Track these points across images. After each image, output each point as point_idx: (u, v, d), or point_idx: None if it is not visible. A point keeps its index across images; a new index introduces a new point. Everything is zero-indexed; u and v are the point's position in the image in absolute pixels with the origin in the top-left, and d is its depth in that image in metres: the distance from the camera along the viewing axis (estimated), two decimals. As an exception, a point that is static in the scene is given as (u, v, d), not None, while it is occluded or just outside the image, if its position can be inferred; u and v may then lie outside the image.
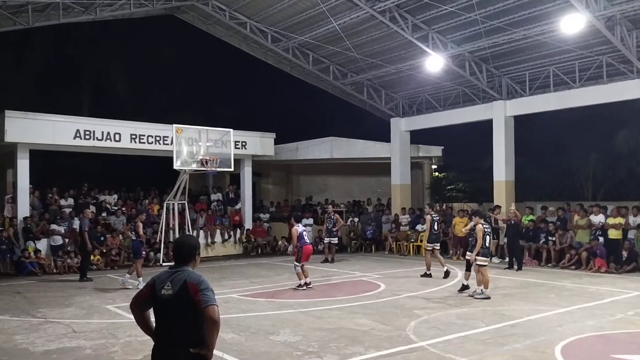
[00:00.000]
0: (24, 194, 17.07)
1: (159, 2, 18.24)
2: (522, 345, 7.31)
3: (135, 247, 13.28)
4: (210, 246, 20.04)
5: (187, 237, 4.61)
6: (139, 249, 13.11)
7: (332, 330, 8.26)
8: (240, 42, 21.05)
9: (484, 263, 11.07)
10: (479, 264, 11.05)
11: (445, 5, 15.21)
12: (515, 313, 9.36)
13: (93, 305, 10.63)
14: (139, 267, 12.78)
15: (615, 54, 15.48)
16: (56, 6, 16.54)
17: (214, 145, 17.78)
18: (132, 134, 18.41)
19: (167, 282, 3.72)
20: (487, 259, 11.26)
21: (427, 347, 7.30)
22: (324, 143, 23.98)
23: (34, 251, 15.83)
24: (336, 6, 16.55)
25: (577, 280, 13.11)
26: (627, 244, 14.60)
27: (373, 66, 19.66)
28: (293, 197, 26.52)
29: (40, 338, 8.09)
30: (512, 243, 15.65)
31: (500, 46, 16.72)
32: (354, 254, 20.38)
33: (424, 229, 19.94)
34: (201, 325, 3.67)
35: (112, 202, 20.11)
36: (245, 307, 10.28)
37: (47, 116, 17.02)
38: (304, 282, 12.12)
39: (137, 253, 13.09)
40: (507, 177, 18.72)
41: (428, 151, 24.64)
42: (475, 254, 11.06)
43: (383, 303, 10.52)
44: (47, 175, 19.87)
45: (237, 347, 7.43)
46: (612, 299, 10.65)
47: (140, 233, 13.15)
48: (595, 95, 16.53)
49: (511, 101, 18.75)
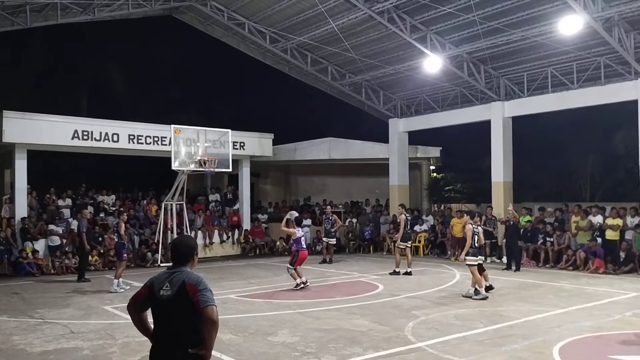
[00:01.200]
0: (22, 194, 17.03)
1: (157, 2, 18.24)
2: (520, 346, 7.32)
3: (117, 249, 13.03)
4: (209, 247, 20.02)
5: (185, 237, 4.60)
6: (120, 251, 12.75)
7: (330, 331, 8.26)
8: (239, 43, 21.06)
9: (473, 263, 11.04)
10: (469, 263, 11.04)
11: (444, 6, 15.22)
12: (513, 314, 9.37)
13: (91, 306, 10.61)
14: (120, 269, 12.53)
15: (613, 55, 15.51)
16: (54, 6, 16.52)
17: (212, 145, 17.76)
18: (130, 135, 18.41)
19: (166, 282, 3.71)
20: (477, 258, 11.16)
21: (426, 347, 7.30)
22: (322, 144, 24.00)
23: (31, 252, 15.80)
24: (334, 7, 16.56)
25: (575, 281, 13.12)
26: (625, 245, 14.62)
27: (371, 67, 19.67)
28: (291, 198, 26.52)
29: (38, 339, 8.07)
30: (511, 244, 15.68)
31: (499, 47, 16.75)
32: (352, 254, 20.38)
33: (422, 230, 20.07)
34: (200, 325, 3.65)
35: (110, 203, 20.08)
36: (244, 308, 10.27)
37: (45, 116, 17.01)
38: (300, 281, 12.14)
39: (119, 255, 12.79)
40: (505, 178, 18.74)
41: (426, 152, 24.66)
42: (465, 254, 11.09)
43: (381, 304, 10.52)
44: (44, 175, 19.83)
45: (235, 348, 7.42)
46: (609, 300, 10.66)
47: (121, 233, 12.80)
48: (593, 96, 16.56)
49: (509, 102, 18.77)
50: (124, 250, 12.84)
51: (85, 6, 17.06)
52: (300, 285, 12.09)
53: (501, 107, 18.80)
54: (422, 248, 19.71)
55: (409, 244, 15.02)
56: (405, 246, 14.72)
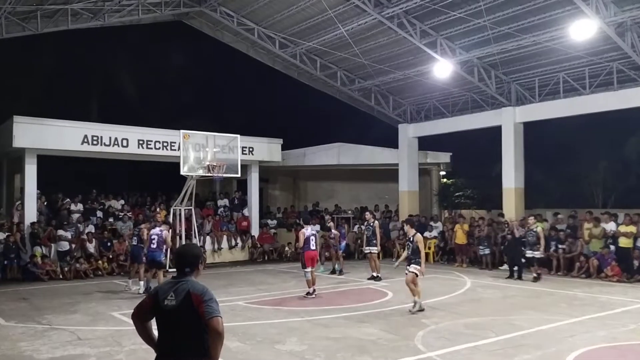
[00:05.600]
0: (32, 199, 17.09)
1: (167, 8, 18.28)
2: (533, 356, 7.18)
3: (135, 252, 13.49)
4: (217, 252, 19.97)
5: (190, 245, 4.57)
6: (139, 254, 13.21)
7: (338, 340, 8.15)
8: (248, 48, 21.06)
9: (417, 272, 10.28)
10: (412, 271, 10.26)
11: (454, 12, 15.11)
12: (525, 323, 9.20)
13: (99, 312, 10.58)
14: (142, 271, 12.98)
15: (626, 60, 15.34)
16: (65, 12, 16.60)
17: (221, 151, 17.74)
18: (139, 140, 18.46)
19: (171, 292, 3.66)
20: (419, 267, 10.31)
21: (436, 357, 7.18)
22: (331, 149, 23.92)
23: (40, 257, 15.82)
24: (344, 12, 16.51)
25: (587, 289, 12.91)
26: (637, 253, 14.39)
27: (381, 72, 19.59)
28: (300, 203, 26.43)
29: (44, 345, 8.03)
30: (513, 253, 15.41)
31: (510, 52, 16.61)
32: (361, 260, 20.22)
33: (432, 236, 19.89)
34: (205, 335, 3.62)
35: (119, 208, 20.11)
36: (252, 315, 10.19)
37: (55, 121, 17.09)
38: (312, 289, 12.02)
39: (137, 258, 13.27)
40: (516, 184, 18.55)
41: (436, 157, 24.50)
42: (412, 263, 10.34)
43: (390, 312, 10.39)
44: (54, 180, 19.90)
45: (242, 356, 7.34)
46: (624, 309, 10.47)
47: (144, 238, 13.16)
48: (606, 101, 16.36)
49: (520, 107, 18.60)
50: (142, 252, 13.20)
51: (96, 12, 17.13)
52: (312, 295, 11.97)
53: (512, 112, 18.63)
54: (432, 255, 19.52)
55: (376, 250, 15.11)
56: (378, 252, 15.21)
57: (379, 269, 14.97)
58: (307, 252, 12.12)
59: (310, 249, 12.19)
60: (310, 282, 12.04)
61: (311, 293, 12.02)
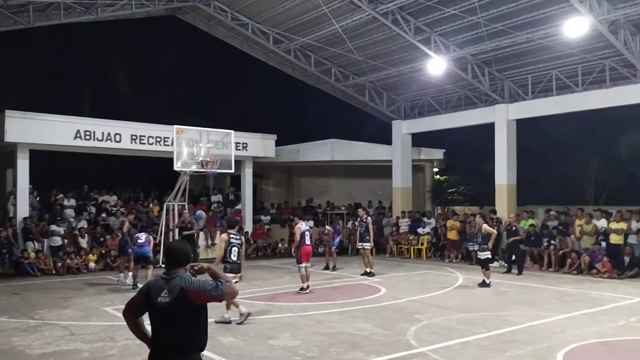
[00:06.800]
0: (24, 194, 16.99)
1: (160, 2, 18.20)
2: (524, 352, 7.23)
3: (120, 245, 14.15)
4: (211, 248, 19.93)
5: (179, 242, 4.60)
6: (124, 247, 13.82)
7: (331, 335, 8.18)
8: (242, 44, 21.00)
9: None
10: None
11: (448, 8, 15.12)
12: (517, 318, 9.27)
13: (91, 307, 10.56)
14: (131, 264, 13.29)
15: (619, 58, 15.42)
16: (57, 6, 16.49)
17: (215, 146, 17.68)
18: (132, 135, 18.33)
19: (164, 289, 3.65)
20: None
21: (428, 352, 7.22)
22: (325, 145, 23.93)
23: (33, 252, 15.76)
24: (338, 8, 16.49)
25: (579, 286, 13.02)
26: (628, 249, 14.51)
27: (375, 68, 19.60)
28: (294, 199, 26.45)
29: (37, 340, 8.01)
30: (512, 247, 15.56)
31: (503, 49, 16.65)
32: (354, 256, 20.27)
33: (425, 233, 19.98)
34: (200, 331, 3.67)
35: (112, 203, 20.03)
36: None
37: (47, 116, 16.94)
38: (306, 285, 12.05)
39: (122, 250, 13.94)
40: (508, 180, 18.65)
41: (429, 154, 24.56)
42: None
43: (383, 307, 10.44)
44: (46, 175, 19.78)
45: (235, 352, 7.36)
46: (614, 305, 10.56)
47: (124, 231, 13.90)
48: (598, 99, 16.45)
49: (513, 105, 18.67)
50: (127, 245, 13.66)
51: (89, 6, 17.02)
52: (306, 290, 12.00)
53: (505, 109, 18.70)
54: (425, 251, 19.61)
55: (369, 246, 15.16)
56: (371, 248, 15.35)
57: (372, 264, 15.03)
58: (303, 247, 12.14)
59: (305, 244, 12.23)
60: (304, 277, 12.06)
61: (305, 289, 12.04)
